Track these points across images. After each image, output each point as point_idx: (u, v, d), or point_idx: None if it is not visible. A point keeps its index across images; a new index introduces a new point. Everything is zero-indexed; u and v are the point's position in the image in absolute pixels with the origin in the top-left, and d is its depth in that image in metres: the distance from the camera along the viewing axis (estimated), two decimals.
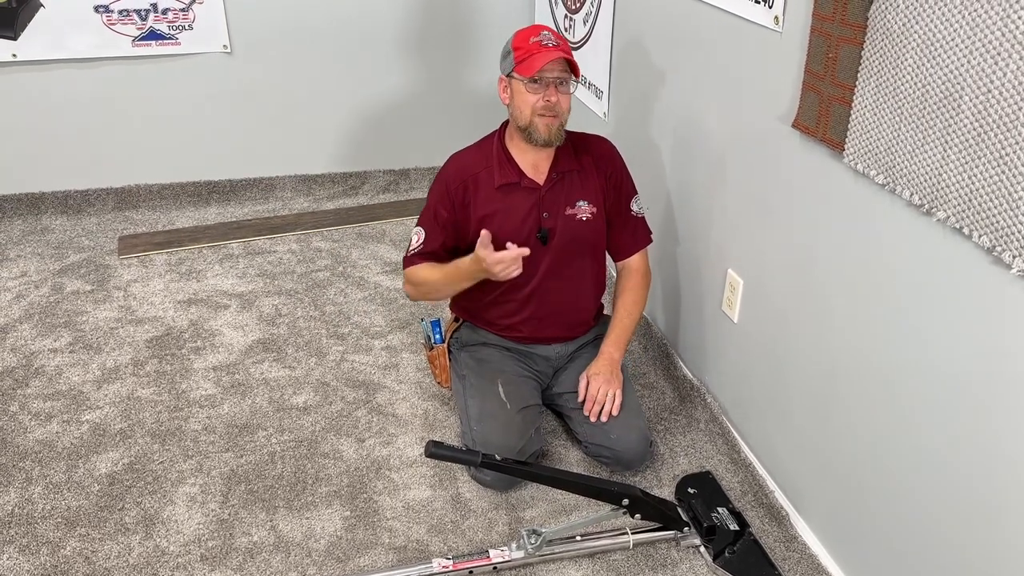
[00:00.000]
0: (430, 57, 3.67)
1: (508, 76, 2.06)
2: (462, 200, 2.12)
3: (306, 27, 3.48)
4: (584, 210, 2.15)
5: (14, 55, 3.26)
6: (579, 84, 2.09)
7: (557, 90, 2.01)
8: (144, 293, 2.99)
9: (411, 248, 2.19)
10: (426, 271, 2.16)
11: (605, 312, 2.37)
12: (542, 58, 1.97)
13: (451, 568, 1.84)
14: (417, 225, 2.20)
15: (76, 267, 3.16)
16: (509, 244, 1.98)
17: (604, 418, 2.09)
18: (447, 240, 2.16)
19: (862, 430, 1.69)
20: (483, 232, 1.97)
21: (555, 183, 2.13)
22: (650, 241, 2.28)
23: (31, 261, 3.20)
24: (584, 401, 2.12)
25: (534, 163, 2.13)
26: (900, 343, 1.55)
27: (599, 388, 2.10)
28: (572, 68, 2.02)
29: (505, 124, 2.16)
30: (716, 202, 2.20)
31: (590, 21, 2.95)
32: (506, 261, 1.95)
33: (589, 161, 2.17)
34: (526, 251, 1.97)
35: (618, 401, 2.10)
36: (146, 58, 3.39)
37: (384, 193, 3.84)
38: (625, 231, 2.23)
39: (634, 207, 2.23)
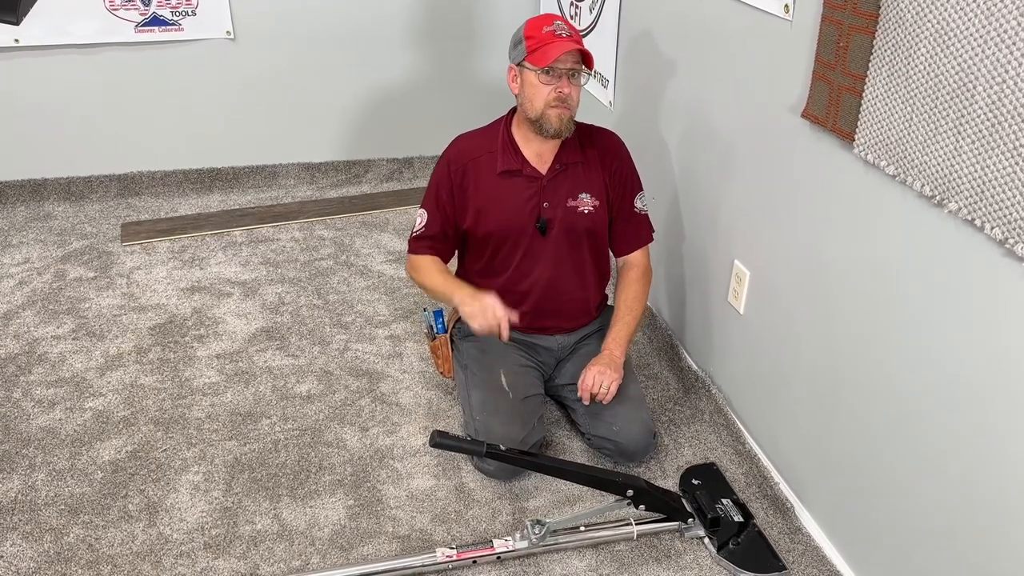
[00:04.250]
0: (435, 45, 3.65)
1: (519, 65, 2.03)
2: (461, 183, 2.12)
3: (310, 13, 3.45)
4: (586, 203, 2.14)
5: (16, 40, 3.24)
6: (591, 76, 2.06)
7: (570, 81, 2.00)
8: (147, 280, 2.98)
9: (414, 230, 2.21)
10: (424, 269, 2.18)
11: (609, 303, 2.36)
12: (556, 48, 1.95)
13: (455, 557, 1.83)
14: (421, 206, 2.20)
15: (79, 254, 3.15)
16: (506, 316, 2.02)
17: (590, 398, 2.07)
18: (447, 224, 2.16)
19: (867, 422, 1.68)
20: (506, 315, 2.00)
21: (558, 173, 2.12)
22: (651, 239, 2.26)
23: (34, 248, 3.19)
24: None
25: (538, 152, 2.12)
26: (907, 335, 1.54)
27: (593, 378, 2.07)
28: (585, 59, 2.00)
29: (513, 110, 2.14)
30: (723, 192, 2.19)
31: (596, 8, 2.92)
32: (482, 326, 2.00)
33: (594, 155, 2.15)
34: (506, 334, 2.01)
35: (613, 389, 2.06)
36: (149, 44, 3.37)
37: (388, 182, 3.83)
38: (628, 228, 2.22)
39: (638, 204, 2.21)
